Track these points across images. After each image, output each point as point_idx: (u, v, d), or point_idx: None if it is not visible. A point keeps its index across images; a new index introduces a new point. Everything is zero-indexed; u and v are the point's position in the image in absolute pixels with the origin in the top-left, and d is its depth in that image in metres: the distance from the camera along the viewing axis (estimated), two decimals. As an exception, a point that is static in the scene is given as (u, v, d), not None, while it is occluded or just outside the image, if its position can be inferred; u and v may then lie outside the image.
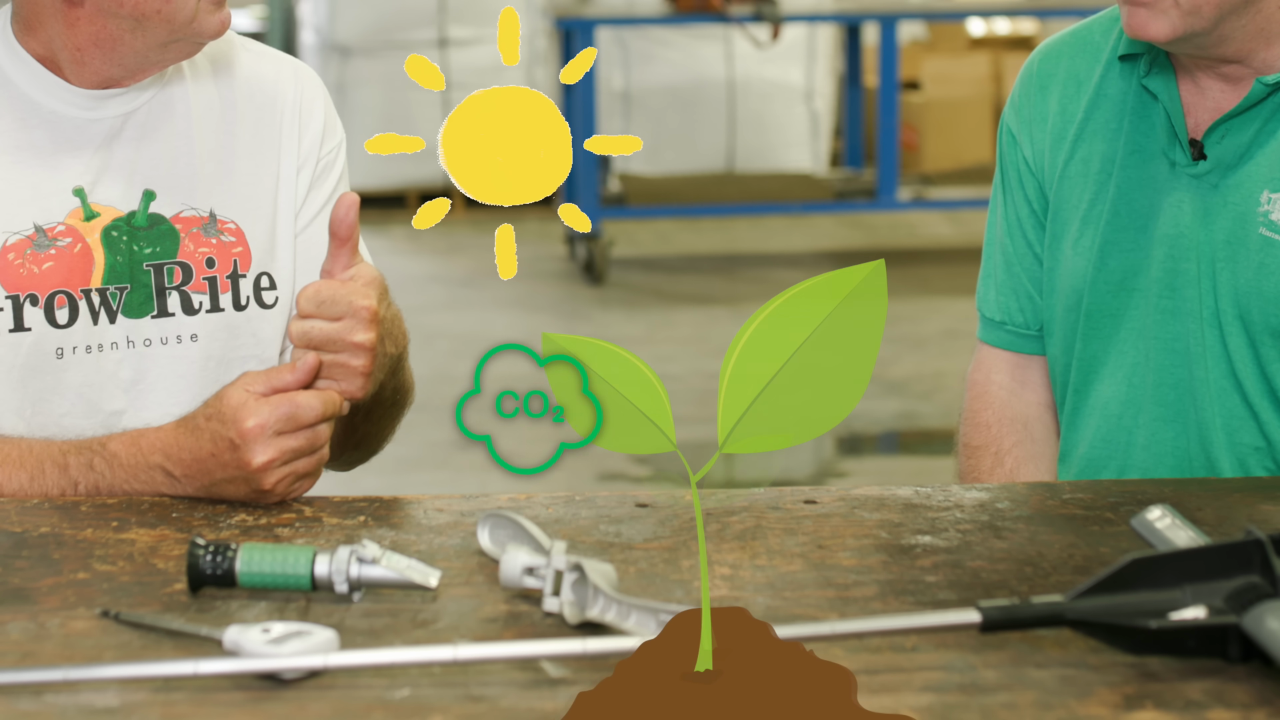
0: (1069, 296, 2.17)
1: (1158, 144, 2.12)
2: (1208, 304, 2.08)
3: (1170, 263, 2.10)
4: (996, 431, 2.26)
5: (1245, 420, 2.09)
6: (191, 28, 1.98)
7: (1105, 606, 1.44)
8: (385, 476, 5.10)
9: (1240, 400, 2.08)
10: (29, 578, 1.67)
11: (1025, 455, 2.25)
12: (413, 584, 1.58)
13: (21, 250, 2.00)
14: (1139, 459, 2.15)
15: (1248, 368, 2.07)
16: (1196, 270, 2.09)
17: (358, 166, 2.64)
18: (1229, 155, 2.07)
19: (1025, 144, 2.23)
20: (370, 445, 2.16)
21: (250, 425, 1.82)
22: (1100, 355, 2.16)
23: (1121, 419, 2.16)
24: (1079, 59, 2.21)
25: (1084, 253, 2.16)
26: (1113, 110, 2.16)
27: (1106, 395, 2.16)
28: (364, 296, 1.89)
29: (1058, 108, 2.20)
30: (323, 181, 2.17)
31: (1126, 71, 2.16)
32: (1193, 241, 2.09)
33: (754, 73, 9.76)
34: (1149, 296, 2.12)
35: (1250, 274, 2.06)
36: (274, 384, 1.84)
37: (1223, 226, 2.07)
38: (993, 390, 2.28)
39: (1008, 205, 2.26)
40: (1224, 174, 2.07)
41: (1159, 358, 2.12)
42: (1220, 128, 2.07)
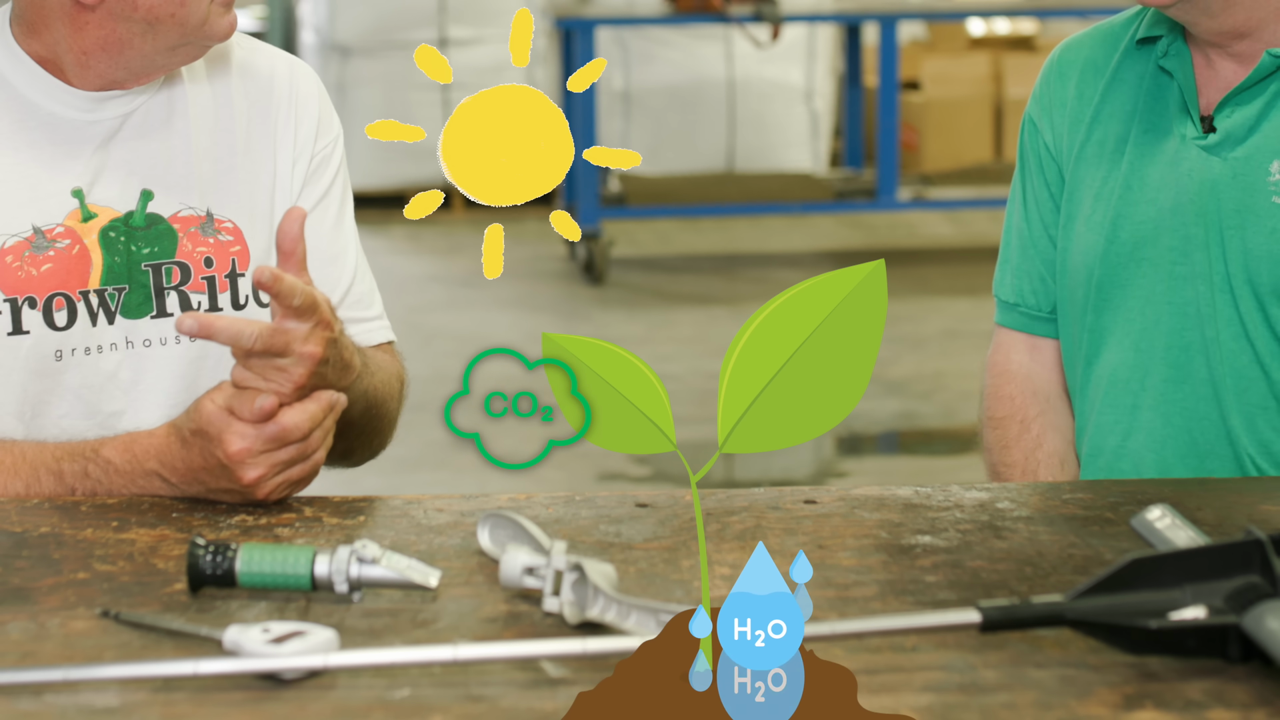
0: (1080, 272, 2.21)
1: (1170, 120, 2.17)
2: (1218, 269, 2.12)
3: (1181, 230, 2.14)
4: (1020, 403, 2.31)
5: (1256, 379, 2.12)
6: (202, 31, 1.98)
7: (1105, 606, 1.44)
8: (385, 476, 5.10)
9: (1252, 358, 2.12)
10: (29, 578, 1.67)
11: (1049, 424, 2.30)
12: (413, 584, 1.58)
13: (20, 252, 2.00)
14: (1147, 420, 2.17)
15: (1258, 328, 2.11)
16: (1205, 236, 2.12)
17: (358, 166, 2.64)
18: (1238, 128, 2.11)
19: (1045, 130, 2.28)
20: (354, 458, 2.14)
21: (235, 449, 1.80)
22: (1109, 325, 2.20)
23: (1129, 383, 2.18)
24: (1099, 49, 2.26)
25: (1096, 228, 2.20)
26: (1128, 92, 2.21)
27: (1115, 361, 2.20)
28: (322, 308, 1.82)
29: (1075, 93, 2.25)
30: (318, 176, 2.16)
31: (1144, 55, 2.21)
32: (1202, 210, 2.13)
33: (754, 73, 9.76)
34: (1159, 265, 2.16)
35: (1261, 239, 2.10)
36: (259, 414, 1.79)
37: (1232, 196, 2.11)
38: (1013, 368, 2.33)
39: (1027, 191, 2.30)
40: (1233, 146, 2.12)
41: (1168, 321, 2.16)
42: (1230, 102, 2.12)
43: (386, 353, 2.18)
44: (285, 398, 1.81)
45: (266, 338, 1.79)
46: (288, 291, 1.79)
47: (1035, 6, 9.07)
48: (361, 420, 2.03)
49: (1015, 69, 9.87)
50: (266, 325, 1.80)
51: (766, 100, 9.84)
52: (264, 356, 1.80)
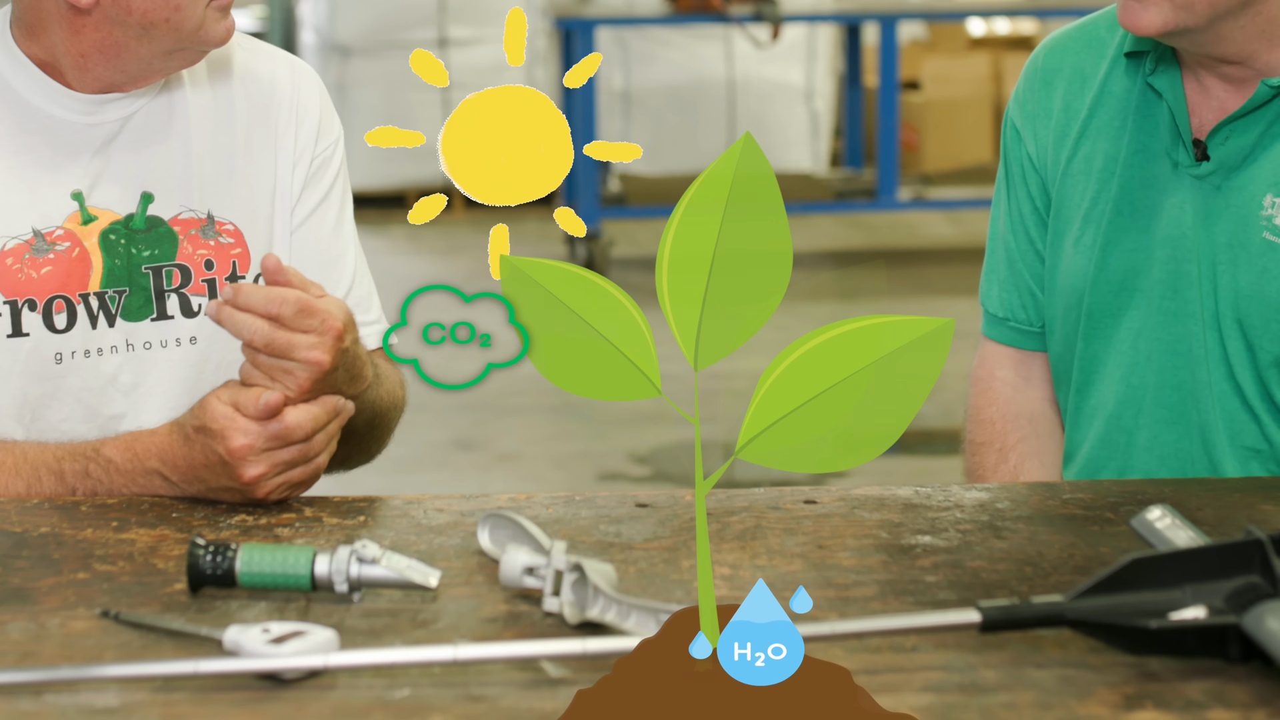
0: (1070, 295, 2.17)
1: (1161, 143, 2.11)
2: (1208, 306, 2.07)
3: (1172, 264, 2.10)
4: (1001, 428, 2.26)
5: (1246, 423, 2.08)
6: (198, 35, 1.98)
7: (1105, 606, 1.44)
8: (385, 476, 5.10)
9: (1240, 403, 2.08)
10: (29, 578, 1.67)
11: (1029, 451, 2.25)
12: (413, 584, 1.58)
13: (20, 255, 2.00)
14: (1140, 460, 2.15)
15: (1246, 371, 2.07)
16: (1198, 272, 2.08)
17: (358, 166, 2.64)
18: (1232, 157, 2.06)
19: (1029, 139, 2.22)
20: (350, 464, 2.14)
21: (238, 445, 1.80)
22: (1100, 355, 2.16)
23: (1121, 420, 2.15)
24: (1084, 55, 2.20)
25: (1085, 251, 2.15)
26: (1117, 108, 2.15)
27: (1106, 396, 2.16)
28: (336, 318, 1.83)
29: (1062, 104, 2.19)
30: (318, 178, 2.16)
31: (1132, 69, 2.15)
32: (1194, 243, 2.08)
33: (754, 73, 9.76)
34: (1150, 298, 2.12)
35: (1252, 278, 2.05)
36: (264, 410, 1.80)
37: (1224, 229, 2.06)
38: (997, 386, 2.27)
39: (1011, 201, 2.25)
40: (1227, 176, 2.06)
41: (1160, 359, 2.12)
42: (1224, 129, 2.06)
43: (384, 357, 2.18)
44: (290, 400, 1.82)
45: (266, 335, 1.80)
46: (278, 298, 1.81)
47: (1035, 6, 9.07)
48: (364, 429, 2.04)
49: (1015, 69, 9.87)
50: (265, 325, 1.80)
51: (766, 100, 9.84)
52: (270, 356, 1.81)
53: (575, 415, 5.96)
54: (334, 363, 1.82)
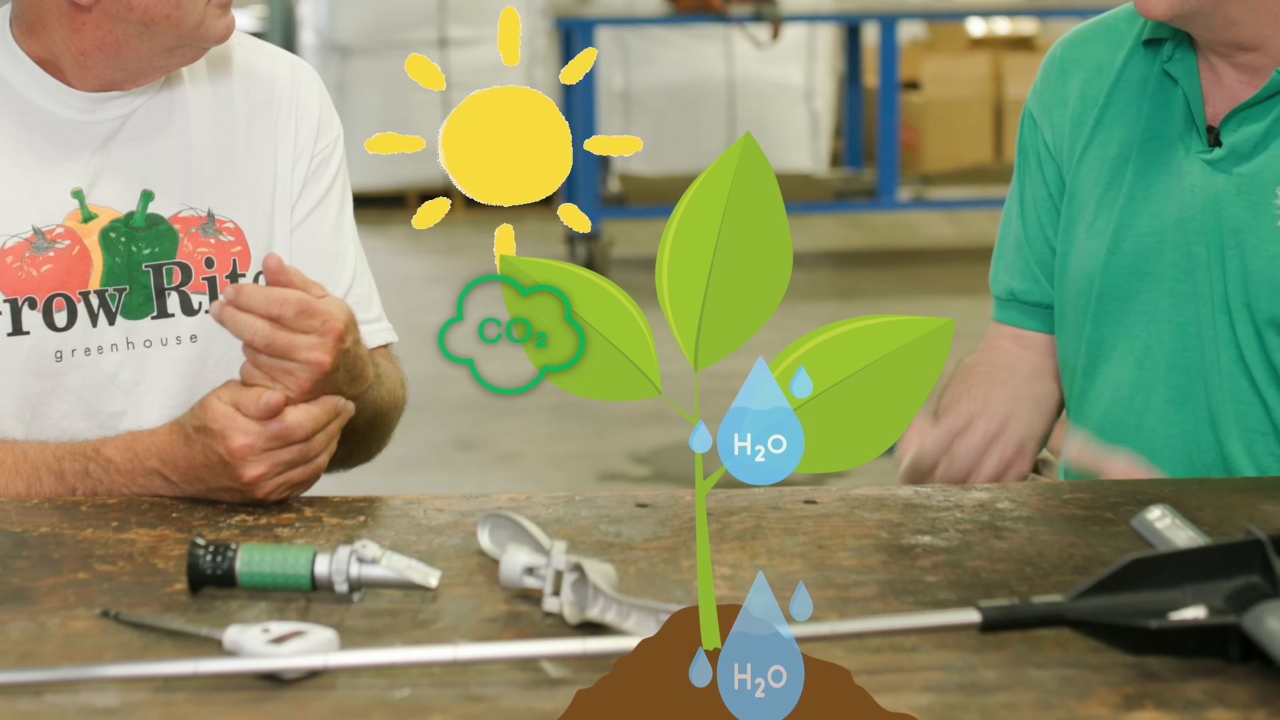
0: (1081, 279, 2.19)
1: (1175, 129, 2.15)
2: (1218, 289, 2.10)
3: (1184, 247, 2.12)
4: (975, 370, 2.23)
5: (1253, 405, 2.10)
6: (198, 33, 1.98)
7: (1105, 606, 1.44)
8: (385, 476, 5.10)
9: (1249, 385, 2.10)
10: (29, 578, 1.67)
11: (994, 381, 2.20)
12: (413, 584, 1.58)
13: (20, 253, 2.00)
14: (1148, 439, 2.16)
15: (1254, 354, 2.09)
16: (1207, 256, 2.10)
17: (358, 166, 2.65)
18: (1244, 144, 2.09)
19: (1046, 128, 2.25)
20: (352, 462, 2.13)
21: (238, 445, 1.80)
22: (1110, 338, 2.18)
23: (1132, 400, 2.17)
24: (1103, 46, 2.23)
25: (1098, 236, 2.18)
26: (1133, 95, 2.19)
27: (1117, 377, 2.18)
28: (338, 319, 1.83)
29: (1079, 93, 2.23)
30: (318, 177, 2.16)
31: (1149, 57, 2.18)
32: (1204, 227, 2.11)
33: (754, 73, 9.76)
34: (1162, 281, 2.14)
35: (1262, 263, 2.08)
36: (264, 410, 1.80)
37: (1234, 214, 2.09)
38: (991, 349, 2.28)
39: (1024, 188, 2.28)
40: (1238, 162, 2.10)
41: (1171, 341, 2.14)
42: (1237, 116, 2.10)
43: (384, 356, 2.18)
44: (291, 400, 1.82)
45: (267, 335, 1.80)
46: (279, 299, 1.80)
47: (1035, 6, 9.07)
48: (365, 430, 2.04)
49: (1015, 69, 9.87)
50: (266, 325, 1.80)
51: (766, 100, 9.84)
52: (271, 357, 1.81)
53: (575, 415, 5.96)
54: (335, 364, 1.82)
